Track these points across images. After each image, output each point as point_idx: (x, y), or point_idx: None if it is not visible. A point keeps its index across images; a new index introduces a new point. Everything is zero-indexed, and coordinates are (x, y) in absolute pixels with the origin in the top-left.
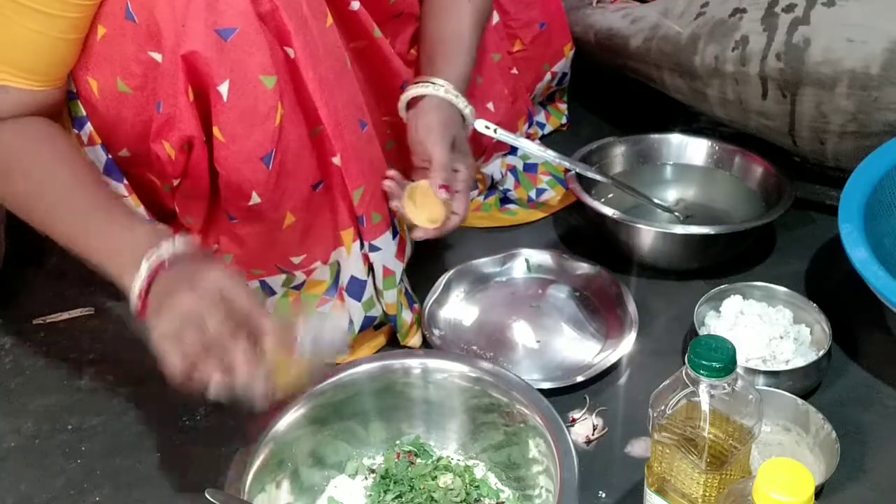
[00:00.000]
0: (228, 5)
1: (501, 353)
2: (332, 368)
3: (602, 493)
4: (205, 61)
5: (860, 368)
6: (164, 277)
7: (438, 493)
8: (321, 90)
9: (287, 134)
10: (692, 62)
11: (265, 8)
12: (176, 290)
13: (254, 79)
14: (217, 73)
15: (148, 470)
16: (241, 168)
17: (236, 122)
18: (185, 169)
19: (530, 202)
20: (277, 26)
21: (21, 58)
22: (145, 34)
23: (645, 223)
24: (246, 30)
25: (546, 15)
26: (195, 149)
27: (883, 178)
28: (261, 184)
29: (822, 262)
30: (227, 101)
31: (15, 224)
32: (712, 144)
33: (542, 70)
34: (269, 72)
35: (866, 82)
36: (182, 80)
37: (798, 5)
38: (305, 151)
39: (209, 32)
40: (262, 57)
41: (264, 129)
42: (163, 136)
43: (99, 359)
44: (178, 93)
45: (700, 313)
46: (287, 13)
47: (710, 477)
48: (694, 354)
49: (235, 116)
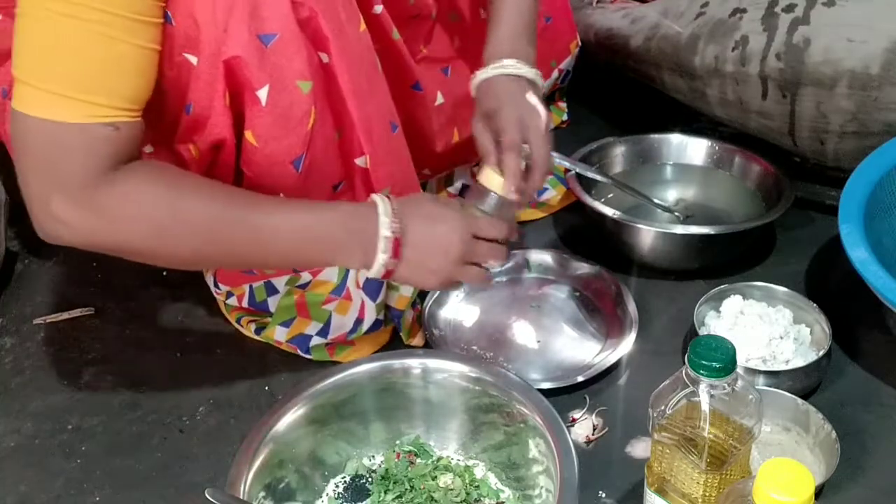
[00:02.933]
0: (271, 11)
1: (501, 353)
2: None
3: (602, 493)
4: (246, 66)
5: (860, 368)
6: (408, 226)
7: (438, 493)
8: (355, 95)
9: (317, 137)
10: (692, 62)
11: (305, 14)
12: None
13: (291, 84)
14: (257, 77)
15: (148, 470)
16: (271, 171)
17: (271, 126)
18: (210, 170)
19: (531, 202)
20: (315, 32)
21: (124, 84)
22: (183, 36)
23: (645, 223)
24: (286, 36)
25: (551, 9)
26: (224, 151)
27: (883, 178)
28: (288, 186)
29: (822, 262)
30: (265, 106)
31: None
32: (712, 144)
33: (548, 67)
34: (306, 77)
35: (866, 82)
36: (221, 84)
37: (798, 5)
38: (331, 153)
39: (252, 38)
40: (299, 62)
41: (297, 133)
42: (190, 137)
43: (99, 359)
44: (214, 96)
45: (700, 313)
46: (325, 19)
47: (710, 477)
48: (694, 354)
49: (271, 120)
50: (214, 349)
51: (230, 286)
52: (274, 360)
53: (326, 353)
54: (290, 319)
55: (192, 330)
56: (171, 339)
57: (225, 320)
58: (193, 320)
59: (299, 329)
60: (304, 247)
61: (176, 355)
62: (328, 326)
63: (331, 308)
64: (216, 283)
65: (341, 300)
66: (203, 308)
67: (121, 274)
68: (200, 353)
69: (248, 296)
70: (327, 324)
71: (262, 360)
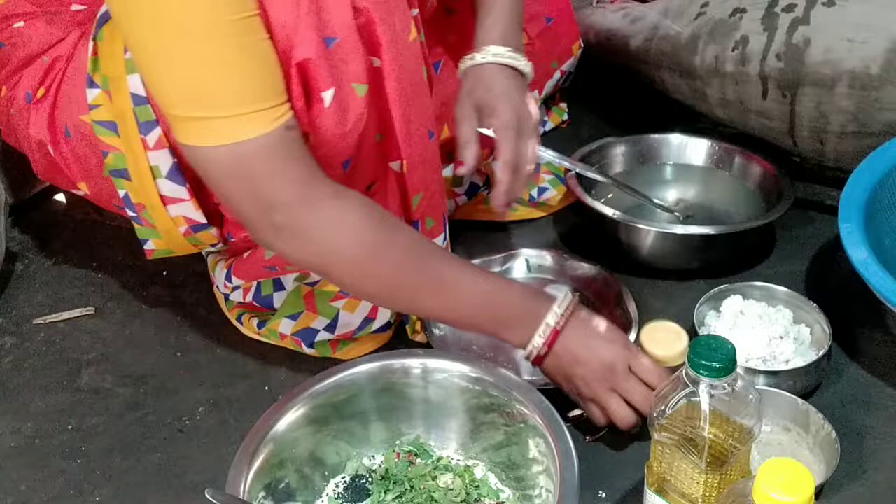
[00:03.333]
0: (332, 15)
1: (501, 353)
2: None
3: (602, 493)
4: (316, 69)
5: (860, 368)
6: (569, 331)
7: (438, 493)
8: (400, 101)
9: (364, 139)
10: (692, 62)
11: (362, 20)
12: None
13: (348, 87)
14: (325, 80)
15: (148, 470)
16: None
17: (332, 129)
18: None
19: (531, 201)
20: (370, 37)
21: (274, 79)
22: None
23: (645, 223)
24: (346, 39)
25: (553, 10)
26: None
27: (883, 178)
28: None
29: (822, 262)
30: (328, 108)
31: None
32: (712, 144)
33: (550, 68)
34: (362, 80)
35: (866, 82)
36: (297, 87)
37: (798, 5)
38: (370, 155)
39: (319, 41)
40: (357, 66)
41: (352, 135)
42: None
43: (99, 359)
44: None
45: (700, 313)
46: (381, 27)
47: (710, 477)
48: (694, 354)
49: (332, 123)
50: (214, 349)
51: (243, 280)
52: (274, 360)
53: (329, 349)
54: (297, 313)
55: (192, 330)
56: (171, 339)
57: (225, 320)
58: (193, 320)
59: (306, 323)
60: (480, 310)
61: (176, 355)
62: (335, 322)
63: (339, 305)
64: (228, 276)
65: (350, 298)
66: (203, 308)
67: (121, 274)
68: (200, 353)
69: (255, 290)
70: (335, 320)
71: (262, 360)
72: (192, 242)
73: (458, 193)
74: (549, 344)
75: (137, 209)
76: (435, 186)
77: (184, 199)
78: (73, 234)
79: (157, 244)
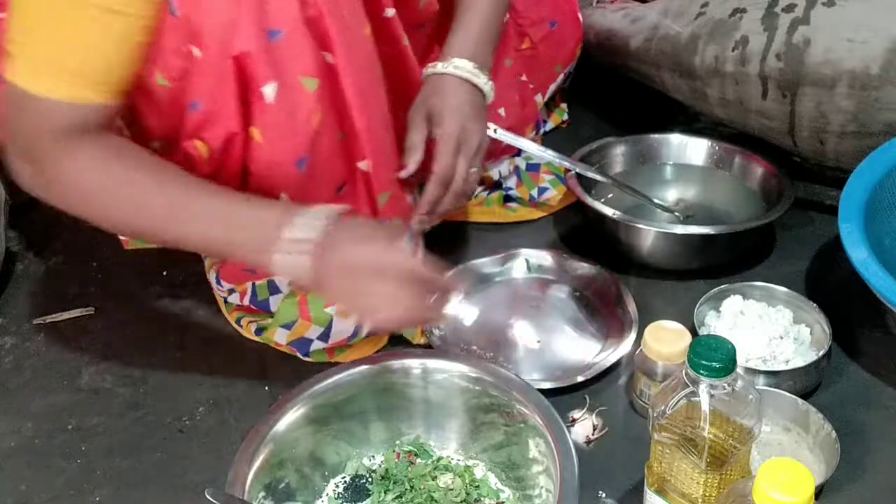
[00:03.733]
0: (277, 7)
1: (501, 353)
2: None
3: (602, 493)
4: (254, 62)
5: (860, 368)
6: (335, 236)
7: (438, 493)
8: (358, 96)
9: (321, 138)
10: (692, 62)
11: (311, 13)
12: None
13: (296, 82)
14: (264, 74)
15: (148, 470)
16: (275, 169)
17: (277, 124)
18: (218, 168)
19: (531, 201)
20: (320, 31)
21: (100, 68)
22: (186, 29)
23: (645, 223)
24: (292, 33)
25: (557, 14)
26: (233, 149)
27: (883, 178)
28: (291, 186)
29: (822, 262)
30: (272, 103)
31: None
32: (712, 144)
33: (553, 71)
34: (312, 75)
35: (866, 82)
36: (232, 80)
37: (798, 5)
38: (335, 155)
39: (260, 33)
40: (305, 60)
41: (303, 132)
42: (197, 134)
43: (99, 359)
44: (225, 92)
45: (700, 313)
46: (331, 19)
47: (710, 477)
48: (694, 354)
49: (276, 118)
50: (214, 349)
51: (233, 283)
52: (274, 360)
53: (326, 356)
54: (291, 322)
55: (192, 330)
56: (171, 339)
57: (225, 320)
58: (193, 320)
59: (300, 332)
60: (213, 226)
61: (176, 355)
62: (329, 330)
63: (332, 311)
64: (218, 280)
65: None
66: (203, 308)
67: (121, 274)
68: (200, 353)
69: (251, 293)
70: (328, 328)
71: (262, 360)
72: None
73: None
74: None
75: None
76: (401, 185)
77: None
78: (73, 234)
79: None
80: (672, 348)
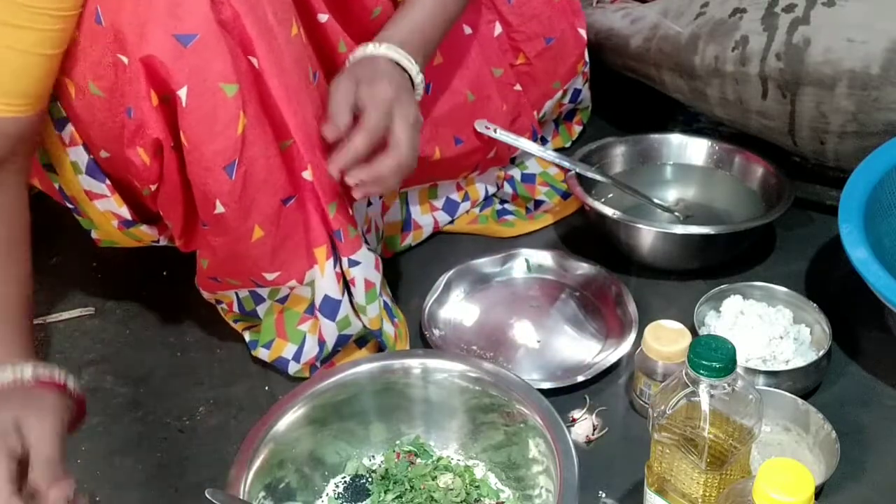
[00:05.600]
0: (188, 11)
1: (501, 353)
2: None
3: (602, 493)
4: (162, 66)
5: (860, 368)
6: None
7: (438, 493)
8: (288, 101)
9: (252, 145)
10: (692, 62)
11: (226, 15)
12: None
13: (214, 86)
14: (175, 78)
15: (148, 470)
16: (205, 175)
17: (196, 129)
18: (160, 175)
19: (528, 213)
20: (240, 34)
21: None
22: (112, 38)
23: (645, 223)
24: (206, 37)
25: (555, 31)
26: (166, 154)
27: (883, 178)
28: (224, 193)
29: (822, 262)
30: (186, 107)
31: None
32: (712, 144)
33: (550, 88)
34: (231, 80)
35: (866, 82)
36: (144, 83)
37: (798, 5)
38: (275, 165)
39: (168, 37)
40: (222, 64)
41: (225, 137)
42: (136, 141)
43: (99, 359)
44: (141, 97)
45: (700, 313)
46: (250, 20)
47: (710, 477)
48: (694, 354)
49: (195, 122)
50: (214, 349)
51: (211, 293)
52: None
53: (305, 374)
54: (270, 341)
55: (192, 330)
56: (171, 338)
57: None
58: (193, 320)
59: (278, 352)
60: None
61: (176, 355)
62: (301, 349)
63: (305, 328)
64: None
65: (313, 319)
66: (203, 308)
67: (121, 274)
68: (200, 353)
69: (237, 304)
70: (301, 347)
71: (261, 359)
72: (130, 237)
73: (436, 207)
74: None
75: (73, 202)
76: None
77: (105, 196)
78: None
79: (99, 234)
80: (672, 348)
